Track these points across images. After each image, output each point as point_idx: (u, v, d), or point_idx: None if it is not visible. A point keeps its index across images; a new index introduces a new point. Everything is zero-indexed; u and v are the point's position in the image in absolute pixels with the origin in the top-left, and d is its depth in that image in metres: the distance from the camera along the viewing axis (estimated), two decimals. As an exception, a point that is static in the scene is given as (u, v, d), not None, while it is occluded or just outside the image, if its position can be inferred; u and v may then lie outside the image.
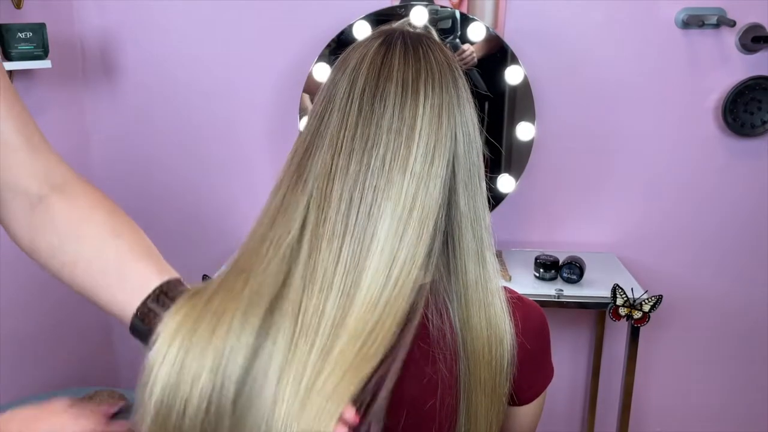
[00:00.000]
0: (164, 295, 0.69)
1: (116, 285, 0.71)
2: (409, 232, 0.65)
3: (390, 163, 0.66)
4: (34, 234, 0.73)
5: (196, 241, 2.03)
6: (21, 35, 1.56)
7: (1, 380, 1.65)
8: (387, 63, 0.68)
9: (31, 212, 0.73)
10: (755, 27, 1.72)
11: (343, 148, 0.66)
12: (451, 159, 0.69)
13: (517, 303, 0.78)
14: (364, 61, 0.69)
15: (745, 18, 1.72)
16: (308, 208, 0.66)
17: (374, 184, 0.65)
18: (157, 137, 1.97)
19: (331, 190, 0.66)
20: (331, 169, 0.66)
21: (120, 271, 0.71)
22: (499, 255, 1.85)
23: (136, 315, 0.69)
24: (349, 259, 0.64)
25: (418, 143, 0.66)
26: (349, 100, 0.68)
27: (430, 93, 0.68)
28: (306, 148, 0.69)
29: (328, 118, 0.68)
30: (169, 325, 0.64)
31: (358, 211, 0.65)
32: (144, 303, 0.69)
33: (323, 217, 0.65)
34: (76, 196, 0.74)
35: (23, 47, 1.56)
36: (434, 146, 0.67)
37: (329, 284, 0.64)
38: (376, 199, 0.65)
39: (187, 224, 2.03)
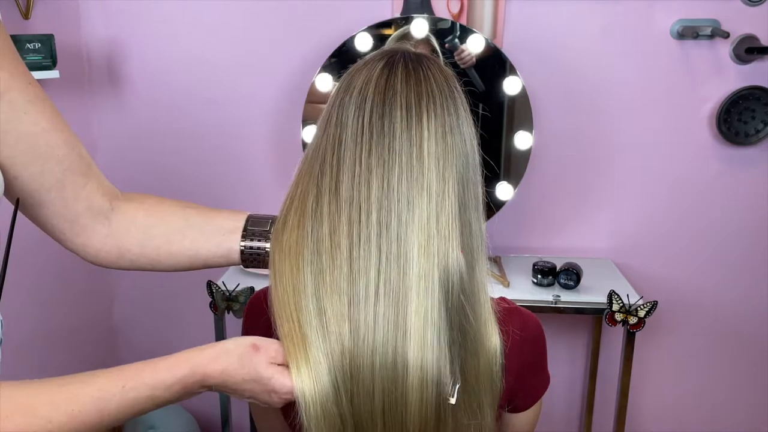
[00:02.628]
0: (253, 228, 0.82)
1: (213, 238, 0.81)
2: (439, 253, 0.69)
3: (408, 186, 0.69)
4: (120, 239, 0.80)
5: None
6: (30, 46, 1.59)
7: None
8: (391, 86, 0.71)
9: (110, 224, 0.79)
10: (749, 38, 1.75)
11: (362, 173, 0.69)
12: (456, 177, 0.71)
13: (514, 312, 0.81)
14: (369, 84, 0.72)
15: (738, 29, 1.75)
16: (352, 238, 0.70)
17: (397, 210, 0.69)
18: (162, 146, 1.99)
19: (359, 217, 0.70)
20: (352, 195, 0.70)
21: (210, 226, 0.82)
22: (497, 261, 1.89)
23: (242, 252, 0.81)
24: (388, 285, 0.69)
25: (429, 165, 0.69)
26: (360, 126, 0.70)
27: (433, 115, 0.70)
28: (329, 169, 0.71)
29: (344, 143, 0.71)
30: None
31: (387, 236, 0.69)
32: (243, 240, 0.81)
33: (353, 243, 0.70)
34: (131, 195, 0.83)
35: (32, 58, 1.59)
36: (443, 166, 0.70)
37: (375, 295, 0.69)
38: (402, 223, 0.69)
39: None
